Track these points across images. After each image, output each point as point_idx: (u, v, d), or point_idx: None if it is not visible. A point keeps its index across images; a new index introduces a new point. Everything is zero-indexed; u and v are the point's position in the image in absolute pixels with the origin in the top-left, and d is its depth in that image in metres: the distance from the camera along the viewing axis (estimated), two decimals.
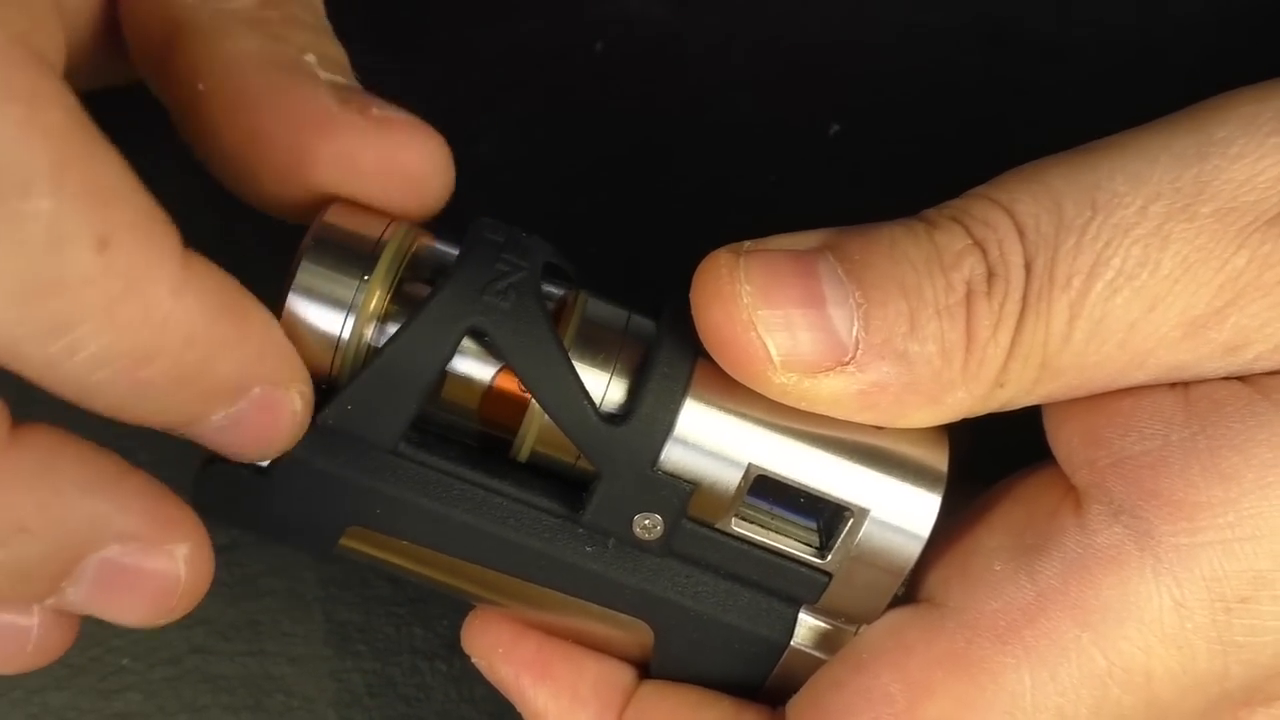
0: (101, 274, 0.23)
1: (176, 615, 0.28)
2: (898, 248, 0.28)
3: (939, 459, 0.30)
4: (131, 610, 0.27)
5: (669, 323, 0.30)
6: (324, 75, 0.29)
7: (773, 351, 0.28)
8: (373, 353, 0.28)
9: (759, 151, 0.40)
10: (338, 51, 0.31)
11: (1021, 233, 0.28)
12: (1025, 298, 0.28)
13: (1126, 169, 0.28)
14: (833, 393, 0.28)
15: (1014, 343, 0.28)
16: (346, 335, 0.28)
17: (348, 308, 0.28)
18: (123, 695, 0.38)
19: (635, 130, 0.40)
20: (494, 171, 0.40)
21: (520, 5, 0.40)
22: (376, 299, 0.28)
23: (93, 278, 0.23)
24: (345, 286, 0.28)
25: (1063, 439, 0.30)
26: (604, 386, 0.29)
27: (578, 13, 0.40)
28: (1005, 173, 0.30)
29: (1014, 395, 0.29)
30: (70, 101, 0.23)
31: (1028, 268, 0.28)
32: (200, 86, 0.28)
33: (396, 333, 0.28)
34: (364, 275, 0.28)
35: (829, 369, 0.28)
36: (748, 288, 0.28)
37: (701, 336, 0.28)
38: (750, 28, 0.41)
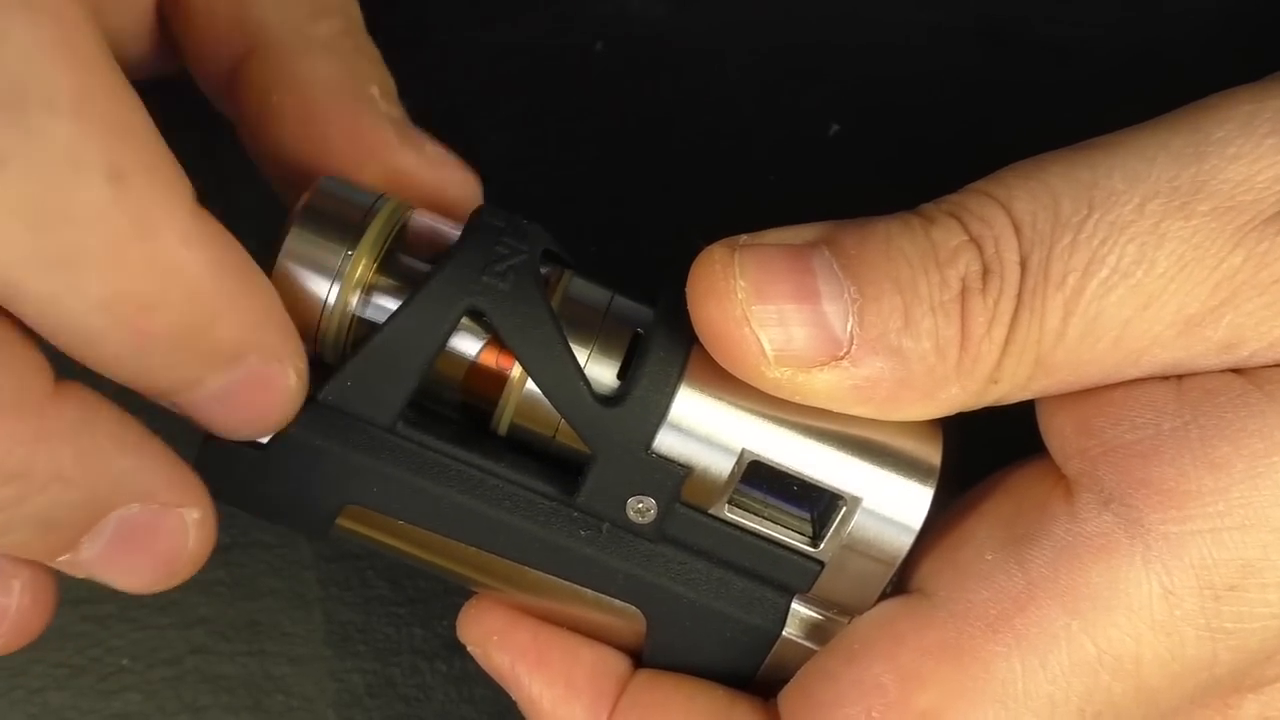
0: (112, 208, 0.23)
1: (177, 580, 0.28)
2: (893, 243, 0.28)
3: (932, 452, 0.30)
4: (139, 571, 0.27)
5: (665, 309, 0.30)
6: (384, 108, 0.31)
7: (766, 347, 0.28)
8: (357, 322, 0.29)
9: (759, 151, 0.40)
10: (392, 85, 0.32)
11: (1018, 229, 0.28)
12: (1020, 295, 0.28)
13: (1124, 167, 0.28)
14: (827, 387, 0.28)
15: (1008, 339, 0.28)
16: (332, 302, 0.28)
17: (334, 275, 0.28)
18: (123, 695, 0.38)
19: (635, 130, 0.40)
20: (494, 171, 0.40)
21: (520, 5, 0.40)
22: (363, 268, 0.28)
23: (104, 210, 0.23)
24: (333, 254, 0.28)
25: (1055, 428, 0.30)
26: (582, 363, 0.29)
27: (578, 13, 0.40)
28: (1004, 168, 0.30)
29: (1008, 391, 0.29)
30: (99, 35, 0.23)
31: (1023, 265, 0.28)
32: (274, 99, 0.30)
33: (396, 311, 0.28)
34: (351, 244, 0.28)
35: (823, 364, 0.28)
36: (742, 283, 0.28)
37: (696, 330, 0.29)
38: (750, 27, 0.41)
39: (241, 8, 0.31)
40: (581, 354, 0.29)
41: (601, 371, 0.29)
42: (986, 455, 0.32)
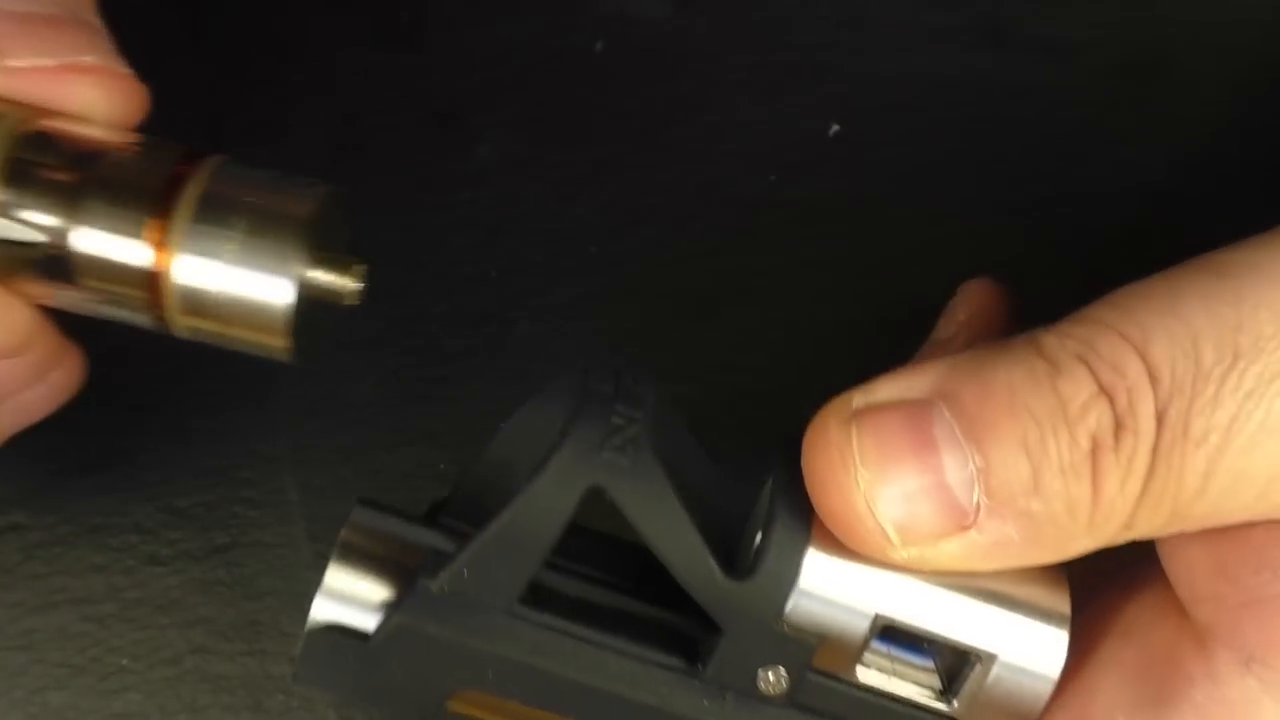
0: None
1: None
2: (1018, 398, 0.26)
3: (1062, 600, 0.28)
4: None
5: (783, 471, 0.29)
6: None
7: (892, 534, 0.27)
8: None
9: (759, 151, 0.40)
10: None
11: (1154, 378, 0.26)
12: (1156, 449, 0.26)
13: (1273, 303, 0.26)
14: (953, 556, 0.27)
15: (1143, 493, 0.26)
16: None
17: None
18: (123, 695, 0.38)
19: (635, 130, 0.40)
20: (494, 171, 0.40)
21: (520, 5, 0.40)
22: None
23: None
24: None
25: (1182, 563, 0.28)
26: None
27: (578, 13, 0.40)
28: (1134, 294, 0.27)
29: (1140, 535, 0.27)
30: None
31: (1159, 418, 0.26)
32: None
33: (516, 496, 0.27)
34: None
35: (949, 535, 0.27)
36: (863, 472, 0.27)
37: (818, 512, 0.28)
38: (750, 27, 0.41)
39: None
40: None
41: None
42: None
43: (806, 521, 0.28)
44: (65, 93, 0.27)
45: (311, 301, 0.28)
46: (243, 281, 0.27)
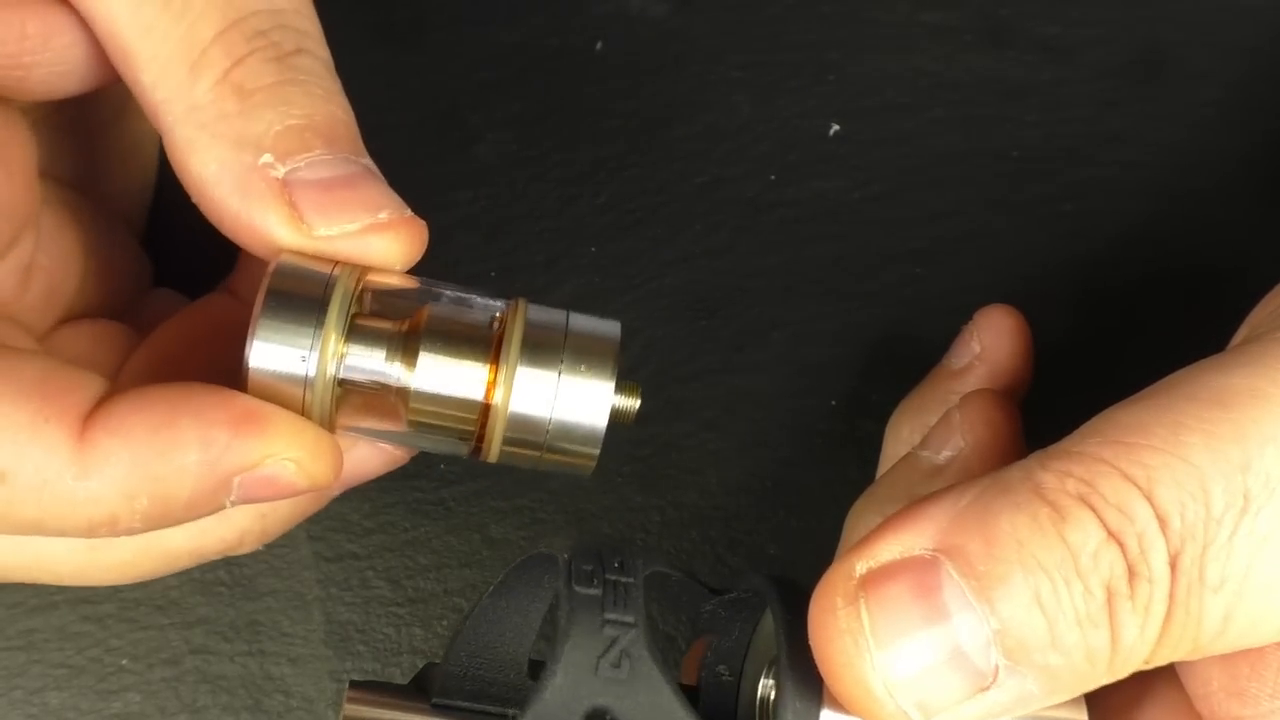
0: (13, 498, 0.26)
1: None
2: (1026, 551, 0.25)
3: (1079, 714, 0.29)
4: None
5: (783, 620, 0.28)
6: (281, 171, 0.28)
7: (913, 713, 0.26)
8: (337, 384, 0.28)
9: (759, 151, 0.40)
10: (314, 108, 0.29)
11: (1164, 524, 0.25)
12: (1172, 596, 0.25)
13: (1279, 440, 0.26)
14: (974, 714, 0.26)
15: (1161, 636, 0.26)
16: (312, 374, 0.28)
17: (309, 351, 0.28)
18: (122, 695, 0.38)
19: (635, 130, 0.40)
20: (494, 171, 0.40)
21: (520, 5, 0.40)
22: (334, 341, 0.28)
23: (12, 501, 0.26)
24: (303, 334, 0.28)
25: (1199, 677, 0.28)
26: None
27: (578, 13, 0.40)
28: (1131, 427, 0.26)
29: (1161, 664, 0.27)
30: None
31: (1173, 565, 0.25)
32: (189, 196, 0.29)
33: None
34: (319, 320, 0.28)
35: (970, 698, 0.26)
36: (879, 656, 0.26)
37: (834, 694, 0.27)
38: (750, 27, 0.41)
39: (132, 74, 0.29)
40: None
41: None
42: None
43: (817, 690, 0.28)
44: (367, 249, 0.28)
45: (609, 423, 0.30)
46: (565, 410, 0.29)
